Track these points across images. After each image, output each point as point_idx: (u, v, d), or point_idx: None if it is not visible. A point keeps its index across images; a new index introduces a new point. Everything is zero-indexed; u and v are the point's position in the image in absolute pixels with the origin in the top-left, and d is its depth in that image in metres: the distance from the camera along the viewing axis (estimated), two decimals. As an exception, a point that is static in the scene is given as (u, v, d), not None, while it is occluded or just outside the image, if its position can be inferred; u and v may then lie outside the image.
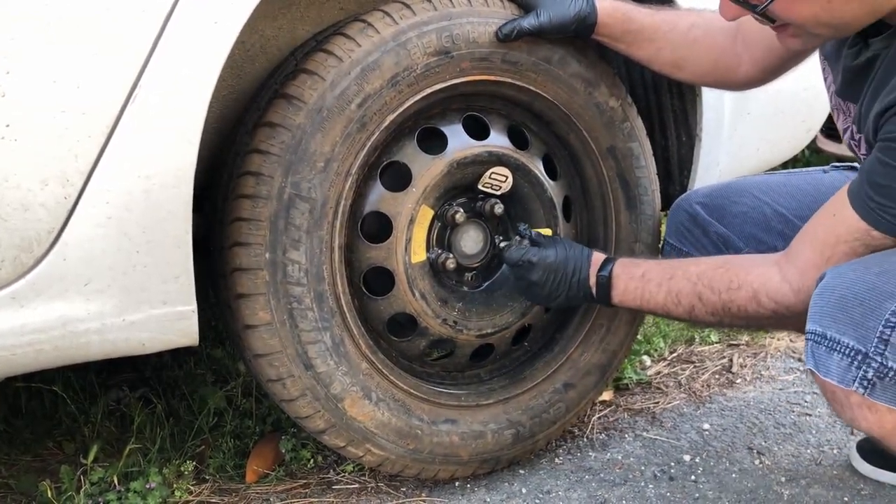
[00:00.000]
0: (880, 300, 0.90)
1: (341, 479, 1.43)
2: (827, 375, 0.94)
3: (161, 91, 0.99)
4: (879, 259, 0.95)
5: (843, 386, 0.93)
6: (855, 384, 0.91)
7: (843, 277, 0.95)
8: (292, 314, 1.15)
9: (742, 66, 1.32)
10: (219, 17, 1.01)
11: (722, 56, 1.31)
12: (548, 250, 1.26)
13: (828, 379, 0.94)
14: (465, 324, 1.33)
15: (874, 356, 0.90)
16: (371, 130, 1.18)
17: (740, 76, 1.33)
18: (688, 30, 1.31)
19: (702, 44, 1.31)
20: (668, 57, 1.31)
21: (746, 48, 1.31)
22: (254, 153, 1.13)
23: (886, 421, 0.92)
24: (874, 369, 0.90)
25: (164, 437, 1.50)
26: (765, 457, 1.47)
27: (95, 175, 0.98)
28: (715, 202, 1.40)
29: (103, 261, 1.01)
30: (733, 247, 1.36)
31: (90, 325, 1.03)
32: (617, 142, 1.39)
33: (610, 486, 1.38)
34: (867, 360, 0.90)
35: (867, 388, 0.91)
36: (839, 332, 0.92)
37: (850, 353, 0.92)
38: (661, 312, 1.23)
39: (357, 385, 1.22)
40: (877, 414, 0.92)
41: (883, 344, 0.90)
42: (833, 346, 0.93)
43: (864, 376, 0.91)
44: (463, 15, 1.21)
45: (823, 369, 0.94)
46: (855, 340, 0.91)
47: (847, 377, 0.92)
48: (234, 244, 1.14)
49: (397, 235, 1.24)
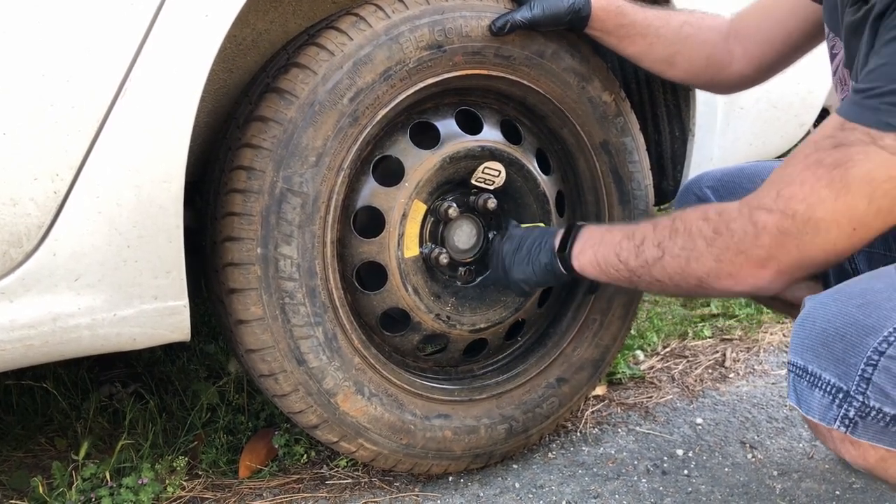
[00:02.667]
0: (861, 335, 0.85)
1: (334, 474, 1.42)
2: (809, 413, 0.90)
3: (151, 85, 0.98)
4: (862, 289, 0.89)
5: (824, 424, 0.88)
6: (836, 423, 0.87)
7: (824, 308, 0.89)
8: (284, 309, 1.14)
9: (734, 64, 1.31)
10: (209, 10, 1.00)
11: (714, 52, 1.31)
12: (517, 229, 1.27)
13: (809, 417, 0.90)
14: (458, 319, 1.33)
15: (856, 395, 0.85)
16: (363, 125, 1.17)
17: (733, 73, 1.32)
18: (680, 26, 1.30)
19: (694, 40, 1.31)
20: (661, 53, 1.30)
21: (740, 44, 1.30)
22: (245, 147, 1.13)
23: (869, 455, 0.88)
24: (855, 408, 0.85)
25: (156, 432, 1.50)
26: (757, 451, 1.47)
27: (85, 170, 0.97)
28: (726, 186, 1.37)
29: (94, 256, 1.00)
30: None
31: (80, 320, 1.03)
32: (610, 136, 1.39)
33: (603, 480, 1.38)
34: (849, 398, 0.86)
35: (849, 427, 0.87)
36: (820, 368, 0.87)
37: (831, 390, 0.87)
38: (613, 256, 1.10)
39: (350, 380, 1.22)
40: (859, 449, 0.88)
41: (865, 382, 0.85)
42: (815, 381, 0.88)
43: (845, 415, 0.86)
44: (456, 9, 1.21)
45: (805, 406, 0.90)
46: (836, 377, 0.86)
47: (828, 415, 0.87)
48: (226, 239, 1.14)
49: (390, 230, 1.24)
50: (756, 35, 1.28)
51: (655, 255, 1.04)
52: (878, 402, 0.85)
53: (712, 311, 2.15)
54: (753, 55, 1.30)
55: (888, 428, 0.85)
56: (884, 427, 0.85)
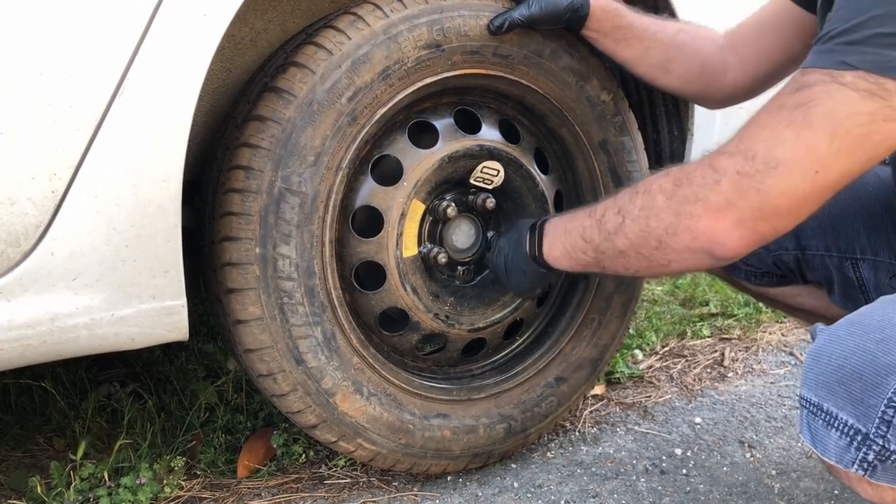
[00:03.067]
0: (882, 375, 0.80)
1: (333, 473, 1.42)
2: (825, 454, 0.86)
3: (149, 84, 0.98)
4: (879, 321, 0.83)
5: (841, 466, 0.84)
6: (854, 466, 0.83)
7: (839, 343, 0.84)
8: (283, 309, 1.14)
9: (729, 72, 1.30)
10: (208, 9, 1.00)
11: (709, 60, 1.30)
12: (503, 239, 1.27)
13: (826, 459, 0.86)
14: (456, 318, 1.33)
15: (875, 438, 0.81)
16: (362, 124, 1.17)
17: (727, 82, 1.31)
18: (675, 33, 1.30)
19: (689, 47, 1.31)
20: (656, 58, 1.30)
21: (735, 54, 1.29)
22: (243, 147, 1.13)
23: (887, 495, 0.85)
24: (875, 452, 0.81)
25: (154, 432, 1.49)
26: (756, 450, 1.47)
27: (83, 169, 0.97)
28: None
29: (92, 255, 1.00)
30: None
31: (78, 319, 1.02)
32: (608, 136, 1.39)
33: (601, 479, 1.38)
34: (868, 441, 0.81)
35: (867, 471, 0.83)
36: (837, 407, 0.83)
37: (849, 431, 0.82)
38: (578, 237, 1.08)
39: (348, 380, 1.22)
40: (878, 490, 0.85)
41: (885, 426, 0.80)
42: (831, 421, 0.84)
43: (864, 458, 0.82)
44: (454, 8, 1.20)
45: (821, 447, 0.86)
46: (854, 419, 0.82)
47: (846, 458, 0.83)
48: (225, 239, 1.13)
49: (388, 230, 1.24)
50: (752, 45, 1.28)
51: (617, 223, 1.01)
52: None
53: (711, 310, 2.15)
54: (749, 65, 1.29)
55: None
56: None
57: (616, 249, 1.02)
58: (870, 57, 0.82)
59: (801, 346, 1.92)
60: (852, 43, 0.83)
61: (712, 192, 0.90)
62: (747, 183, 0.88)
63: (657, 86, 1.36)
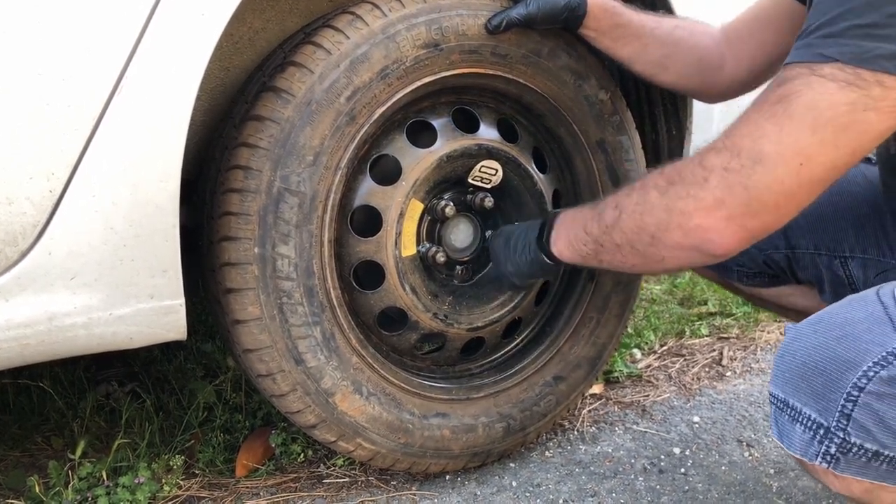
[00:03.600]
0: (841, 371, 0.82)
1: (331, 473, 1.42)
2: (791, 448, 0.88)
3: (147, 83, 0.98)
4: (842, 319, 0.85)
5: (807, 460, 0.87)
6: (818, 459, 0.85)
7: (804, 340, 0.86)
8: (282, 309, 1.14)
9: (726, 67, 1.31)
10: (206, 8, 1.00)
11: (706, 55, 1.31)
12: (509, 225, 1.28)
13: (792, 452, 0.88)
14: (455, 317, 1.33)
15: (836, 431, 0.83)
16: (360, 123, 1.17)
17: (725, 77, 1.31)
18: (672, 30, 1.31)
19: (686, 43, 1.31)
20: (654, 54, 1.30)
21: (731, 48, 1.30)
22: (242, 147, 1.12)
23: (854, 487, 0.87)
24: (837, 445, 0.84)
25: (153, 431, 1.49)
26: (754, 449, 1.47)
27: (81, 168, 0.97)
28: None
29: (90, 255, 1.00)
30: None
31: (76, 319, 1.02)
32: (606, 135, 1.39)
33: (600, 478, 1.39)
34: (829, 434, 0.84)
35: (830, 463, 0.85)
36: (801, 402, 0.86)
37: (812, 425, 0.85)
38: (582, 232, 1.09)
39: (348, 379, 1.22)
40: (844, 482, 0.87)
41: (845, 419, 0.82)
42: (795, 416, 0.87)
43: (826, 451, 0.85)
44: (452, 7, 1.20)
45: (787, 441, 0.88)
46: (817, 413, 0.84)
47: (810, 451, 0.86)
48: (223, 238, 1.13)
49: (387, 229, 1.24)
50: (748, 39, 1.28)
51: (614, 217, 1.02)
52: (859, 439, 0.83)
53: (709, 309, 2.16)
54: (745, 59, 1.30)
55: (870, 463, 0.84)
56: (866, 462, 0.84)
57: (613, 243, 1.03)
58: (847, 49, 0.83)
59: (799, 344, 1.92)
60: (830, 35, 0.84)
61: (702, 190, 0.91)
62: (734, 179, 0.89)
63: (655, 82, 1.36)
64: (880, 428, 0.82)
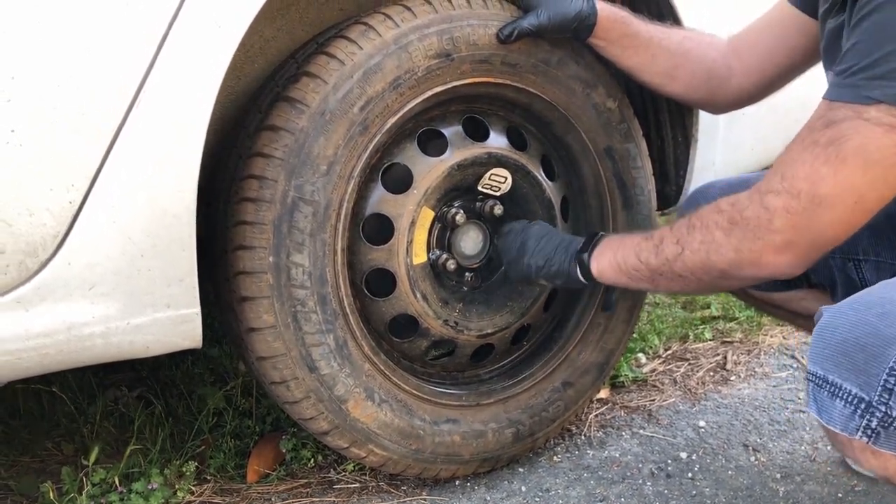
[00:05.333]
0: (883, 346, 0.85)
1: (342, 478, 1.44)
2: (830, 423, 0.90)
3: (165, 95, 0.99)
4: (879, 298, 0.89)
5: (846, 434, 0.89)
6: (858, 433, 0.88)
7: (843, 318, 0.90)
8: (296, 317, 1.15)
9: (734, 78, 1.33)
10: (222, 20, 1.01)
11: (714, 66, 1.33)
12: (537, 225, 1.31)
13: (832, 427, 0.90)
14: (465, 324, 1.34)
15: (878, 405, 0.86)
16: (373, 133, 1.18)
17: (732, 88, 1.33)
18: (681, 41, 1.32)
19: (695, 54, 1.33)
20: (663, 65, 1.31)
21: (739, 60, 1.32)
22: (256, 157, 1.14)
23: (890, 465, 0.89)
24: (878, 419, 0.86)
25: (164, 437, 1.50)
26: (760, 454, 1.49)
27: (100, 180, 0.98)
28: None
29: (108, 265, 1.01)
30: None
31: (95, 328, 1.03)
32: (614, 143, 1.41)
33: (608, 483, 1.40)
34: (871, 409, 0.86)
35: (871, 438, 0.87)
36: (841, 378, 0.88)
37: (853, 400, 0.87)
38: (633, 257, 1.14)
39: (360, 386, 1.23)
40: (881, 459, 0.89)
41: (887, 393, 0.85)
42: (835, 391, 0.89)
43: (867, 425, 0.87)
44: (463, 17, 1.22)
45: (826, 416, 0.91)
46: (858, 388, 0.87)
47: (850, 426, 0.88)
48: (238, 247, 1.14)
49: (399, 237, 1.25)
50: (756, 51, 1.30)
51: (675, 252, 1.08)
52: None
53: (712, 313, 2.17)
54: (753, 71, 1.31)
55: None
56: None
57: (674, 273, 1.10)
58: (892, 91, 0.88)
59: (803, 348, 1.94)
60: (875, 77, 0.89)
61: (770, 233, 0.98)
62: (799, 221, 0.96)
63: (663, 93, 1.38)
64: None
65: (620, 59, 1.32)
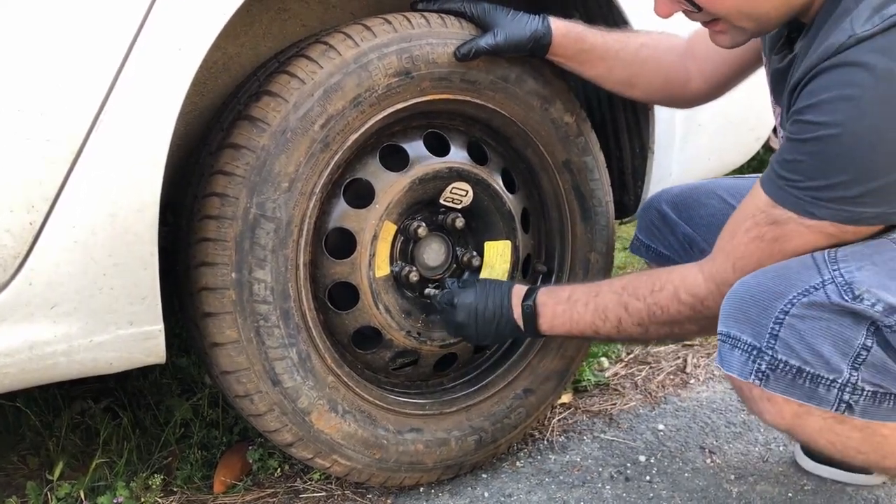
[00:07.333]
0: (772, 300, 0.99)
1: (308, 487, 1.46)
2: (729, 370, 1.02)
3: (125, 118, 1.00)
4: (776, 266, 1.03)
5: (742, 378, 1.01)
6: (752, 377, 1.00)
7: (745, 283, 1.03)
8: (259, 332, 1.17)
9: (691, 82, 1.37)
10: (182, 44, 1.03)
11: (672, 72, 1.37)
12: (467, 292, 1.30)
13: (730, 373, 1.03)
14: (428, 335, 1.37)
15: (766, 350, 0.98)
16: (334, 150, 1.21)
17: (690, 91, 1.39)
18: (638, 49, 1.36)
19: (652, 62, 1.37)
20: (620, 75, 1.36)
21: (695, 63, 1.36)
22: (218, 174, 1.15)
23: (785, 412, 1.01)
24: (766, 362, 0.99)
25: (130, 449, 1.51)
26: (716, 456, 1.54)
27: (61, 200, 0.99)
28: (683, 202, 1.47)
29: (70, 284, 1.02)
30: (698, 247, 1.42)
31: (57, 347, 1.05)
32: (572, 156, 1.44)
33: (569, 487, 1.44)
34: (761, 353, 0.99)
35: (762, 380, 1.00)
36: (740, 331, 1.01)
37: (747, 348, 1.00)
38: (590, 332, 1.25)
39: (324, 398, 1.25)
40: (776, 405, 1.01)
41: (773, 339, 0.98)
42: (735, 343, 1.01)
43: (758, 369, 1.00)
44: (422, 36, 1.24)
45: (727, 365, 1.03)
46: (751, 337, 1.00)
47: (745, 370, 1.01)
48: (201, 264, 1.16)
49: (361, 251, 1.27)
50: (711, 54, 1.34)
51: (639, 331, 1.21)
52: (784, 356, 0.98)
53: (674, 316, 2.22)
54: (708, 74, 1.36)
55: (795, 381, 0.98)
56: (791, 379, 0.98)
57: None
58: (838, 214, 1.00)
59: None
60: (820, 199, 0.99)
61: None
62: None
63: (625, 97, 1.43)
64: (802, 345, 0.97)
65: (579, 71, 1.37)
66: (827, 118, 0.94)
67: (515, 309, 1.29)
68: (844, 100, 0.93)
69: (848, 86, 0.92)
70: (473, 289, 1.30)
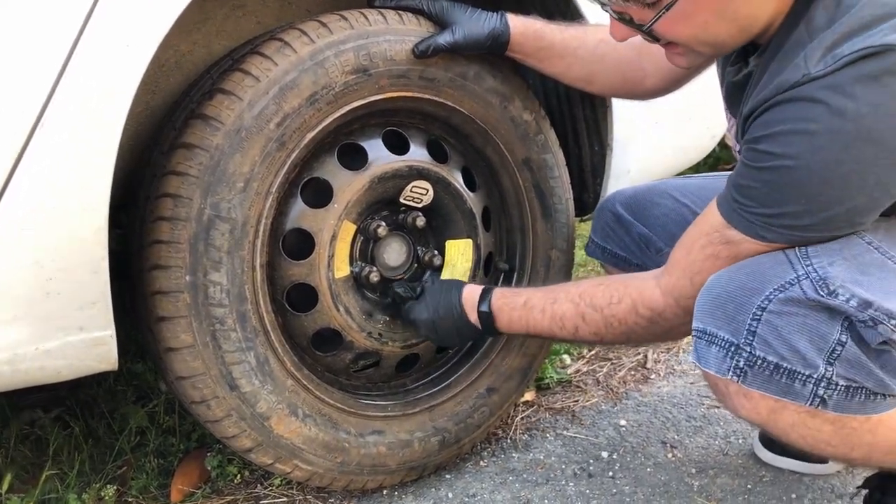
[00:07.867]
0: (748, 296, 0.99)
1: (269, 493, 1.43)
2: (707, 367, 1.02)
3: (70, 116, 0.97)
4: (750, 262, 1.03)
5: (720, 375, 1.01)
6: (729, 373, 1.00)
7: (719, 279, 1.03)
8: (215, 336, 1.14)
9: (648, 79, 1.38)
10: (130, 40, 0.99)
11: (629, 69, 1.38)
12: (419, 307, 1.32)
13: (707, 370, 1.02)
14: (390, 336, 1.35)
15: (744, 346, 0.99)
16: (290, 149, 1.18)
17: (647, 87, 1.40)
18: (595, 46, 1.36)
19: (610, 59, 1.37)
20: (579, 72, 1.36)
21: (652, 61, 1.37)
22: (171, 175, 1.12)
23: (761, 407, 1.01)
24: (744, 358, 0.99)
25: (82, 459, 1.47)
26: (677, 450, 1.55)
27: (3, 202, 0.95)
28: (637, 203, 1.47)
29: (16, 290, 0.98)
30: (654, 247, 1.43)
31: (1, 355, 1.00)
32: (532, 154, 1.44)
33: (533, 486, 1.44)
34: (739, 350, 0.99)
35: (740, 377, 1.00)
36: (716, 327, 1.01)
37: (724, 344, 1.00)
38: (547, 335, 1.27)
39: (283, 402, 1.23)
40: (752, 401, 1.01)
41: (751, 335, 0.98)
42: (711, 339, 1.01)
43: (736, 365, 1.00)
44: (380, 33, 1.23)
45: (704, 361, 1.03)
46: (729, 333, 1.00)
47: (723, 367, 1.01)
48: (154, 267, 1.13)
49: (319, 252, 1.25)
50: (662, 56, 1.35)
51: (595, 339, 1.23)
52: (762, 352, 0.98)
53: (634, 313, 2.24)
54: (662, 71, 1.37)
55: (772, 377, 0.98)
56: (769, 375, 0.99)
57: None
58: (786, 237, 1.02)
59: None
60: (772, 225, 1.01)
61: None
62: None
63: (586, 91, 1.44)
64: (780, 342, 0.97)
65: (539, 68, 1.37)
66: (782, 150, 0.96)
67: (471, 314, 1.29)
68: (800, 133, 0.94)
69: (803, 120, 0.94)
70: (424, 302, 1.32)
